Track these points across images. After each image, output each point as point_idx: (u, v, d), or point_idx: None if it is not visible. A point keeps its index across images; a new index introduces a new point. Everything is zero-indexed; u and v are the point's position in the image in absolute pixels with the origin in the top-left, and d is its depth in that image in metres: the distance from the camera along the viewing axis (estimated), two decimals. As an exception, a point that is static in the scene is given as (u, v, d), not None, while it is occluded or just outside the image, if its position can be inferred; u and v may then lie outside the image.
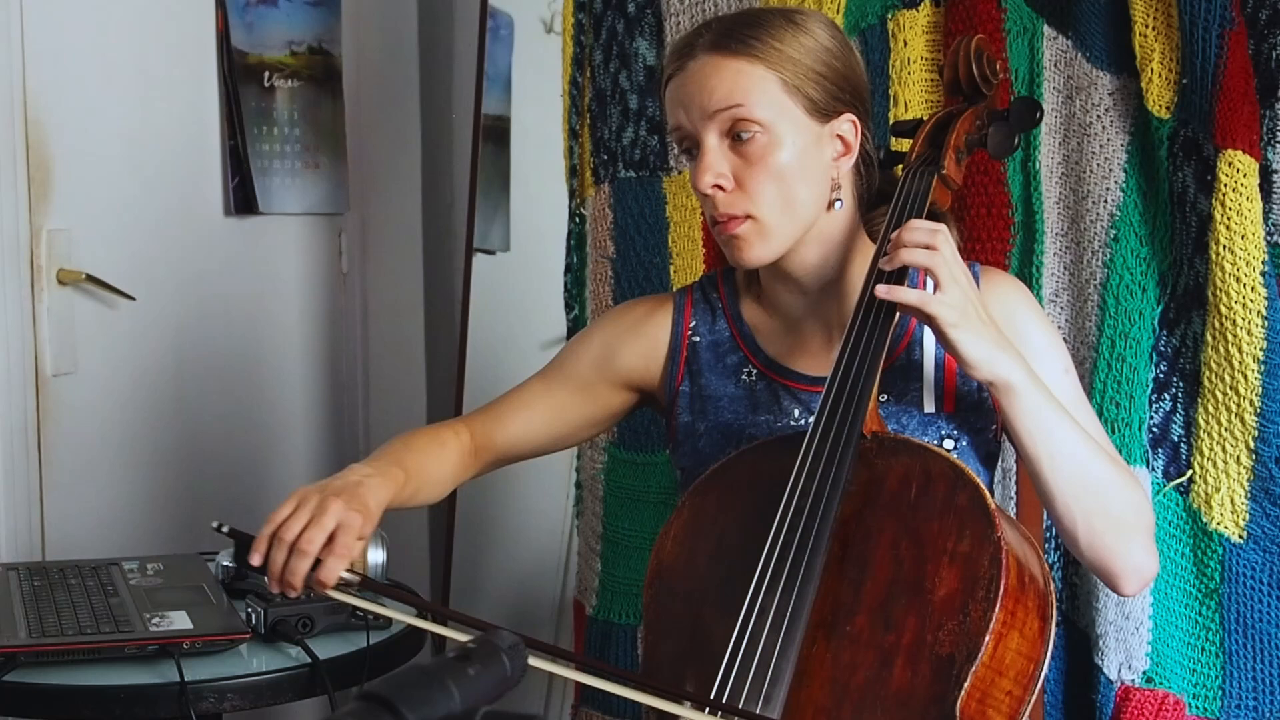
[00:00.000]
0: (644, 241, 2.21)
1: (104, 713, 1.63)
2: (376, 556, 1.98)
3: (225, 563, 1.96)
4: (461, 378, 2.83)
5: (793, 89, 1.53)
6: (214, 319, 2.78)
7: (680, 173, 2.18)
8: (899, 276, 1.48)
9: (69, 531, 2.48)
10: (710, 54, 1.54)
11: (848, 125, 1.57)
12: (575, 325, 2.33)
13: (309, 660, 1.69)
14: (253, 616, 1.76)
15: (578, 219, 2.32)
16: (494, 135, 2.93)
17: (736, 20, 1.56)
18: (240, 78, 2.77)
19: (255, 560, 1.43)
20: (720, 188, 1.54)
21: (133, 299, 2.56)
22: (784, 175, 1.53)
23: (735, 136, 1.53)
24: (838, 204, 1.58)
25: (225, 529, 1.47)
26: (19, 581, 1.90)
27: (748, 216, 1.54)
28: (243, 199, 2.79)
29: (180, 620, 1.74)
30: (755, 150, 1.53)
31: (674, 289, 2.16)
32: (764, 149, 1.52)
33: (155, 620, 1.73)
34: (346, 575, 1.43)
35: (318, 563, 1.41)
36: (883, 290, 1.45)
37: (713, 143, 1.54)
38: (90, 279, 2.47)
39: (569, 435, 1.74)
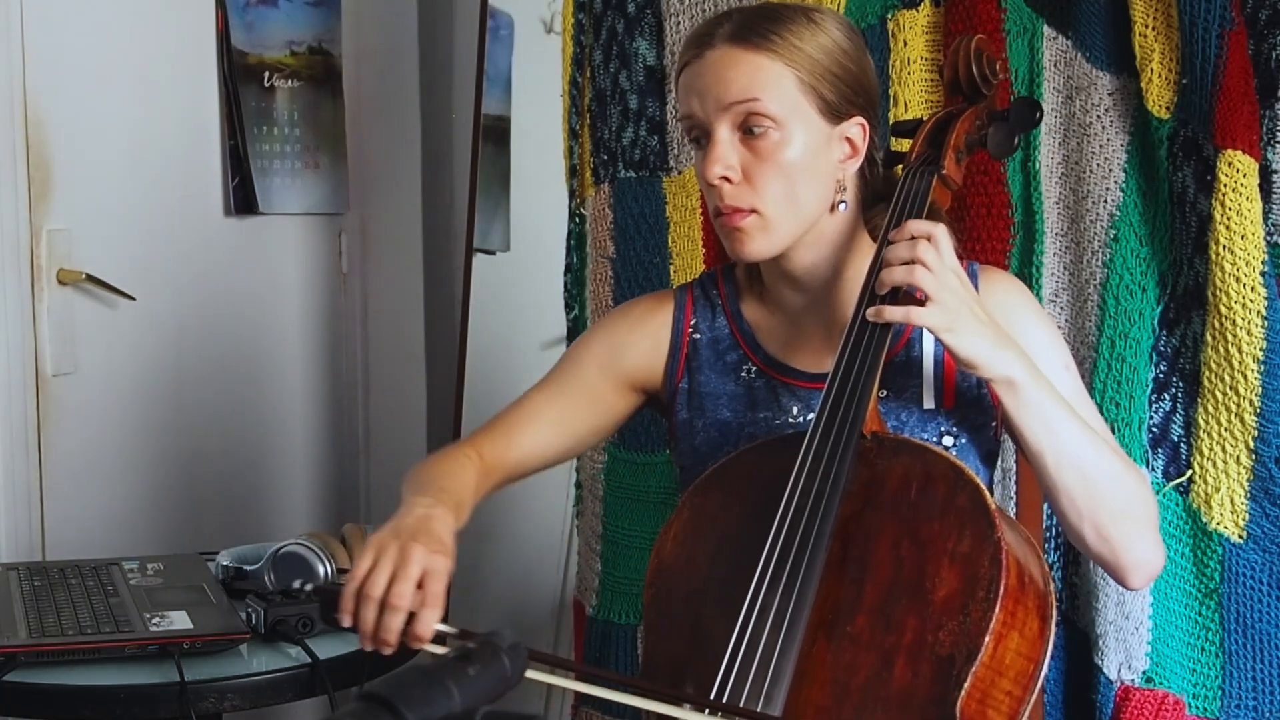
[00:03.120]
0: (644, 241, 2.21)
1: (104, 713, 1.64)
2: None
3: (225, 563, 1.96)
4: (461, 378, 2.82)
5: (808, 88, 1.54)
6: (214, 319, 2.78)
7: (680, 173, 2.18)
8: (893, 292, 1.48)
9: (69, 531, 2.48)
10: (730, 45, 1.54)
11: (857, 129, 1.58)
12: (575, 325, 2.33)
13: (309, 660, 1.70)
14: (253, 616, 1.75)
15: (578, 219, 2.32)
16: (494, 135, 2.93)
17: (757, 13, 1.56)
18: (240, 78, 2.77)
19: (346, 621, 1.35)
20: (727, 179, 1.54)
21: (133, 299, 2.56)
22: (791, 172, 1.54)
23: (747, 130, 1.53)
24: (842, 205, 1.58)
25: (308, 587, 1.43)
26: (19, 581, 1.90)
27: (752, 210, 1.54)
28: (243, 199, 2.79)
29: (180, 620, 1.74)
30: (766, 145, 1.53)
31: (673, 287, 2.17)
32: (775, 145, 1.53)
33: (155, 620, 1.73)
34: (441, 627, 1.34)
35: (410, 615, 1.34)
36: (871, 314, 1.47)
37: (724, 134, 1.54)
38: (90, 279, 2.47)
39: (577, 446, 1.72)
